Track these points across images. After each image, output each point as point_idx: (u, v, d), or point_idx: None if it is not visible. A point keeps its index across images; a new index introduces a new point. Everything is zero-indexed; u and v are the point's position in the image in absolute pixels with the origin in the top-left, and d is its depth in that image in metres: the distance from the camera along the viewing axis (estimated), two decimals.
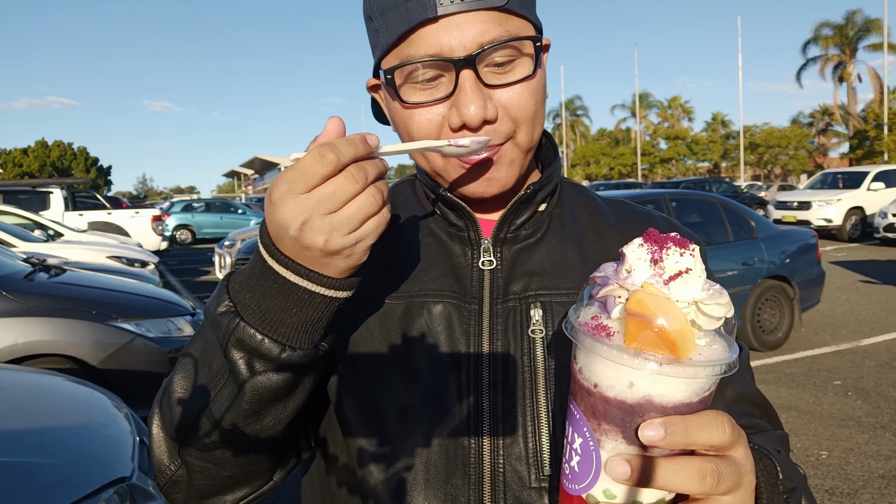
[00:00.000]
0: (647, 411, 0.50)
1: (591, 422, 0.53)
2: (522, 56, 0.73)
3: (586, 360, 0.53)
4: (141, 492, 2.04)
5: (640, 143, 55.79)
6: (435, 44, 0.70)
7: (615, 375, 0.50)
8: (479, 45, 0.70)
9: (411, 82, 0.72)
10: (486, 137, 0.71)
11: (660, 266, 0.51)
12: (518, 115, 0.74)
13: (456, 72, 0.70)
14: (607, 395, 0.51)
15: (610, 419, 0.51)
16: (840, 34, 42.91)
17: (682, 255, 0.52)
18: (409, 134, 0.75)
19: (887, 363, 6.01)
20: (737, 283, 6.28)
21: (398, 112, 0.76)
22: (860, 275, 10.98)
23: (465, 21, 0.69)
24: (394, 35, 0.71)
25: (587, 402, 0.53)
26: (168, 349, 4.54)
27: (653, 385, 0.50)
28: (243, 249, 8.38)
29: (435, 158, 0.76)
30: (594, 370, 0.52)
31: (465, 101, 0.70)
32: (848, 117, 46.13)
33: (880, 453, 4.14)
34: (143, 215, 15.18)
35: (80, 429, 2.39)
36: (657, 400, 0.50)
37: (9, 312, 4.25)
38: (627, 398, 0.50)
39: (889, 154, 31.58)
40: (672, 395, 0.50)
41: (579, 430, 0.54)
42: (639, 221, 0.89)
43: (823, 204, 16.44)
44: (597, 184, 25.47)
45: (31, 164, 64.37)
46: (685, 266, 0.51)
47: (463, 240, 0.82)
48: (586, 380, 0.53)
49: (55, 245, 9.07)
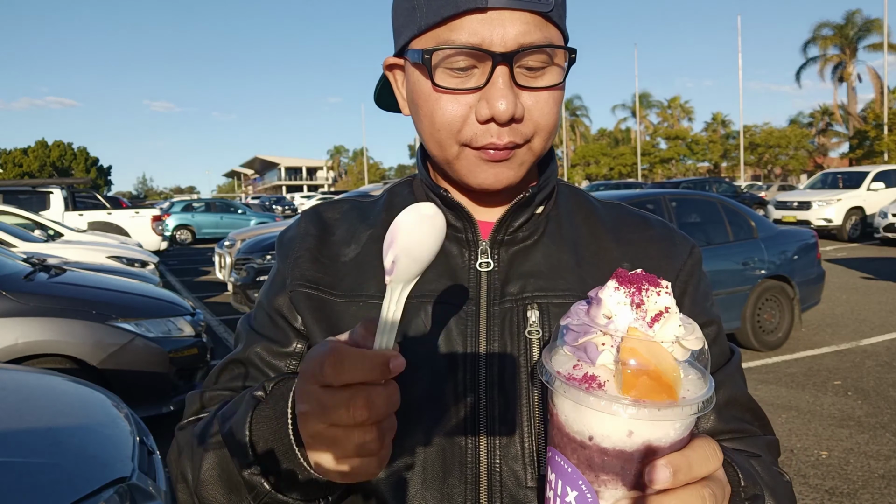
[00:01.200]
0: (646, 455, 0.50)
1: (587, 474, 0.52)
2: (554, 65, 0.74)
3: (576, 413, 0.52)
4: (141, 492, 2.04)
5: (640, 143, 55.79)
6: (477, 33, 0.70)
7: (612, 426, 0.50)
8: (519, 45, 0.70)
9: (445, 67, 0.72)
10: None
11: (642, 309, 0.51)
12: (540, 121, 0.74)
13: (493, 65, 0.70)
14: (604, 447, 0.51)
15: (609, 469, 0.51)
16: (840, 34, 42.92)
17: (660, 295, 0.52)
18: (431, 117, 0.75)
19: (887, 363, 6.01)
20: (737, 283, 6.28)
21: (424, 94, 0.75)
22: (860, 275, 10.98)
23: (510, 18, 0.70)
24: (436, 17, 0.71)
25: (581, 455, 0.52)
26: (168, 349, 4.54)
27: (652, 430, 0.50)
28: (243, 249, 8.36)
29: (450, 147, 0.76)
30: (588, 423, 0.51)
31: (498, 94, 0.70)
32: (848, 117, 46.13)
33: (880, 453, 4.14)
34: (143, 215, 15.18)
35: (80, 429, 2.39)
36: (656, 443, 0.50)
37: (9, 312, 4.25)
38: (627, 447, 0.50)
39: (889, 154, 31.57)
40: (669, 435, 0.50)
41: (573, 484, 0.53)
42: (633, 223, 0.89)
43: (823, 204, 16.44)
44: (597, 184, 25.47)
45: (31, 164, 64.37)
46: (664, 305, 0.51)
47: (461, 241, 0.83)
48: (578, 433, 0.52)
49: (55, 245, 9.06)
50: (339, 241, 0.87)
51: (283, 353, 0.84)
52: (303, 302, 0.83)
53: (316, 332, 0.82)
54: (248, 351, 0.85)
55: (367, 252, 0.85)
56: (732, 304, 6.26)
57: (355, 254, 0.85)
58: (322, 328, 0.81)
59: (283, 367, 0.84)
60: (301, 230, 0.89)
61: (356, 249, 0.86)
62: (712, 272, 6.20)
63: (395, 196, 0.92)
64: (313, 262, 0.85)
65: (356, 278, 0.83)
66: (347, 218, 0.90)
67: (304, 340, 0.84)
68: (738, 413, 0.82)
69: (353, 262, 0.84)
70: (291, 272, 0.85)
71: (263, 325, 0.87)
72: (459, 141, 0.75)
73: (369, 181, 69.45)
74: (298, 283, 0.84)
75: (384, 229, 0.86)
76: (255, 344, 0.85)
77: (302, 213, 0.94)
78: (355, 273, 0.83)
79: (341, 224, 0.89)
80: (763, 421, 0.85)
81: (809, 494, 3.66)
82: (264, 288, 0.90)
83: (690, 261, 0.86)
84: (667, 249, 0.85)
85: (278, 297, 0.86)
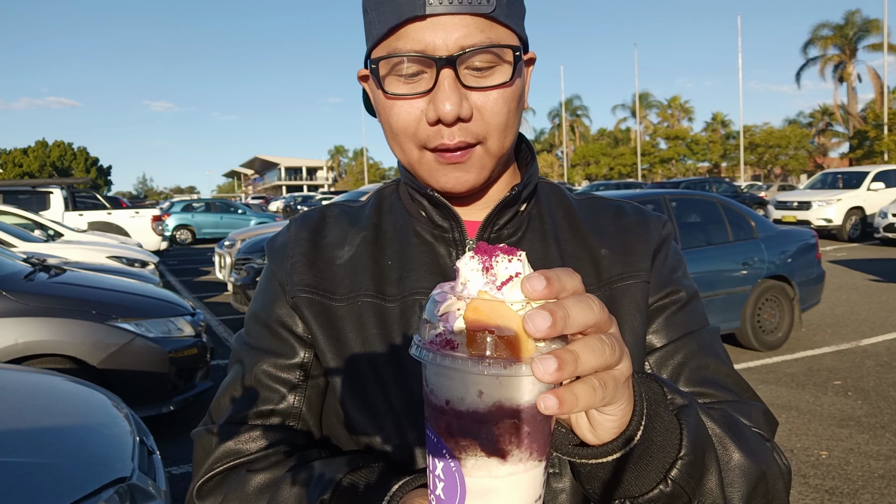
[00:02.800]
0: (499, 418, 0.50)
1: (448, 441, 0.52)
2: (502, 63, 0.75)
3: (435, 378, 0.53)
4: (141, 492, 2.04)
5: (640, 143, 55.80)
6: (420, 40, 0.73)
7: (464, 387, 0.51)
8: (461, 48, 0.72)
9: (395, 74, 0.75)
10: None
11: (491, 273, 0.52)
12: (490, 120, 0.76)
13: (437, 70, 0.73)
14: (460, 410, 0.51)
15: (466, 433, 0.51)
16: (840, 34, 42.92)
17: (511, 261, 0.53)
18: (388, 123, 0.78)
19: (887, 363, 6.01)
20: (737, 283, 6.28)
21: (381, 102, 0.79)
22: (860, 275, 10.98)
23: (450, 23, 0.72)
24: (384, 27, 0.74)
25: (442, 423, 0.53)
26: (168, 349, 4.54)
27: (501, 390, 0.50)
28: (243, 249, 8.36)
29: (411, 151, 0.79)
30: (444, 386, 0.52)
31: (443, 97, 0.73)
32: (848, 117, 46.14)
33: (880, 453, 4.14)
34: (143, 215, 15.18)
35: (80, 429, 2.39)
36: (507, 404, 0.50)
37: (9, 312, 4.25)
38: (479, 408, 0.50)
39: (889, 154, 31.58)
40: (521, 396, 0.50)
41: (439, 455, 0.54)
42: (609, 214, 0.91)
43: (823, 204, 16.44)
44: (597, 184, 25.46)
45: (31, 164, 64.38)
46: (514, 271, 0.52)
47: (448, 241, 0.84)
48: (437, 398, 0.53)
49: (55, 245, 9.06)
50: (332, 243, 0.87)
51: (290, 366, 0.83)
52: (305, 307, 0.82)
53: (320, 338, 0.81)
54: (253, 371, 0.83)
55: (361, 253, 0.85)
56: (732, 304, 6.26)
57: (349, 255, 0.86)
58: (326, 334, 0.81)
59: (291, 379, 0.83)
60: (292, 235, 0.89)
61: (350, 251, 0.86)
62: (712, 272, 6.20)
63: (383, 199, 0.93)
64: (310, 266, 0.85)
65: (353, 280, 0.83)
66: (338, 221, 0.90)
67: (310, 348, 0.84)
68: (710, 375, 0.81)
69: (348, 263, 0.85)
70: (290, 278, 0.85)
71: (262, 339, 0.85)
72: (417, 144, 0.77)
73: (369, 181, 69.43)
74: (299, 289, 0.83)
75: (376, 231, 0.88)
76: (259, 362, 0.84)
77: (291, 219, 0.94)
78: (351, 275, 0.84)
79: (332, 227, 0.89)
80: (742, 386, 0.83)
81: (809, 494, 3.66)
82: (256, 300, 0.89)
83: (660, 236, 0.89)
84: (643, 234, 0.88)
85: (276, 306, 0.85)
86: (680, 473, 0.59)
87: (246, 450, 0.79)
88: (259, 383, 0.83)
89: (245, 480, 0.76)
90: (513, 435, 0.51)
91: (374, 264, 0.84)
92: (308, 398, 0.83)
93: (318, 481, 0.70)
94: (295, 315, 0.84)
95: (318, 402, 0.84)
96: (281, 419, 0.82)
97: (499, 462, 0.51)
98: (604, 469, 0.58)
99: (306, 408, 0.83)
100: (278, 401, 0.82)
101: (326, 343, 0.81)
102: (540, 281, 0.46)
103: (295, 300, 0.83)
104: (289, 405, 0.82)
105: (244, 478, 0.76)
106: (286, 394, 0.82)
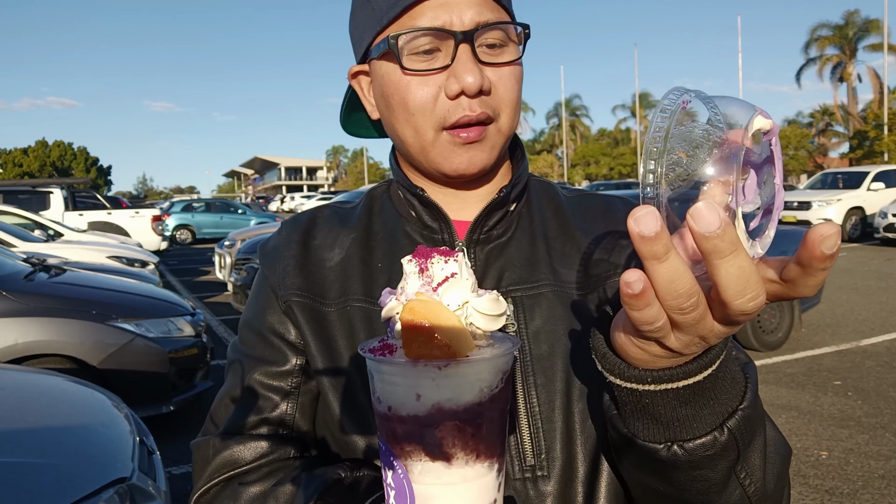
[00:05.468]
0: (440, 421, 0.50)
1: (394, 448, 0.52)
2: (511, 43, 0.79)
3: (379, 384, 0.52)
4: (141, 492, 2.04)
5: (640, 143, 55.79)
6: (437, 17, 0.75)
7: (403, 391, 0.50)
8: (476, 24, 0.75)
9: (410, 53, 0.76)
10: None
11: (427, 275, 0.52)
12: (504, 96, 0.78)
13: (455, 44, 0.75)
14: (402, 415, 0.50)
15: (409, 439, 0.51)
16: (839, 34, 42.92)
17: (447, 262, 0.53)
18: (405, 103, 0.78)
19: (887, 363, 6.01)
20: None
21: (394, 83, 0.78)
22: (860, 275, 10.98)
23: (464, 2, 0.75)
24: (397, 8, 0.76)
25: (388, 429, 0.52)
26: (168, 349, 4.54)
27: (437, 391, 0.49)
28: (243, 249, 8.36)
29: (426, 133, 0.79)
30: (386, 392, 0.51)
31: (464, 69, 0.74)
32: (848, 117, 46.15)
33: (880, 453, 4.14)
34: (143, 215, 15.18)
35: (80, 429, 2.39)
36: (447, 406, 0.49)
37: (9, 312, 4.25)
38: (419, 412, 0.50)
39: (889, 154, 31.57)
40: (459, 397, 0.49)
41: (388, 463, 0.53)
42: (598, 211, 0.90)
43: (823, 204, 16.43)
44: (597, 184, 25.48)
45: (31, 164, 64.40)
46: (450, 271, 0.52)
47: (437, 242, 0.84)
48: (382, 405, 0.52)
49: (55, 245, 9.06)
50: (322, 245, 0.87)
51: (283, 373, 0.84)
52: (298, 312, 0.83)
53: (311, 343, 0.82)
54: (246, 380, 0.84)
55: (351, 256, 0.85)
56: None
57: (340, 258, 0.86)
58: (317, 339, 0.82)
59: (284, 387, 0.83)
60: (283, 238, 0.89)
61: (340, 254, 0.86)
62: None
63: (374, 200, 0.93)
64: (301, 269, 0.85)
65: (343, 284, 0.83)
66: (328, 223, 0.90)
67: (302, 355, 0.84)
68: None
69: (338, 266, 0.85)
70: (282, 282, 0.85)
71: (255, 347, 0.86)
72: (434, 124, 0.77)
73: (369, 181, 69.40)
74: (291, 293, 0.84)
75: (366, 233, 0.87)
76: (252, 370, 0.84)
77: (282, 222, 0.94)
78: (342, 278, 0.84)
79: (321, 229, 0.89)
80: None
81: (809, 494, 3.66)
82: (249, 307, 0.89)
83: None
84: None
85: (268, 313, 0.85)
86: (738, 424, 0.58)
87: (241, 460, 0.80)
88: (252, 392, 0.84)
89: (238, 493, 0.78)
90: (455, 438, 0.50)
91: (365, 267, 0.84)
92: (301, 405, 0.84)
93: (303, 492, 0.72)
94: (287, 321, 0.84)
95: (312, 407, 0.85)
96: (275, 427, 0.83)
97: (444, 466, 0.50)
98: (662, 401, 0.56)
99: (299, 414, 0.84)
100: (271, 409, 0.83)
101: (317, 348, 0.81)
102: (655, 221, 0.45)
103: (288, 304, 0.83)
104: (282, 413, 0.83)
105: (236, 491, 0.78)
106: (279, 402, 0.83)
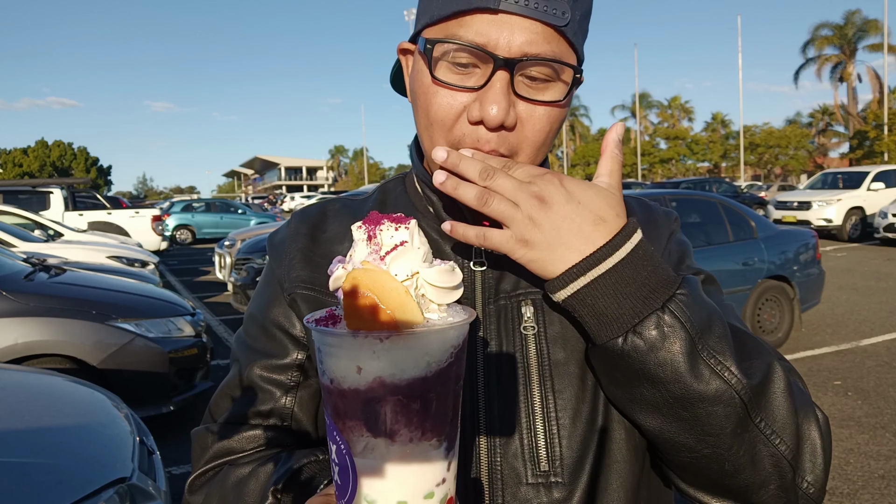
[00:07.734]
0: (382, 395, 0.47)
1: (337, 423, 0.49)
2: (558, 81, 0.73)
3: (323, 357, 0.49)
4: (141, 492, 2.04)
5: (640, 143, 55.77)
6: (484, 34, 0.69)
7: (344, 364, 0.47)
8: (524, 54, 0.69)
9: (447, 60, 0.72)
10: None
11: (374, 242, 0.50)
12: (530, 136, 0.73)
13: (493, 68, 0.70)
14: (343, 388, 0.48)
15: (351, 414, 0.48)
16: (839, 34, 42.91)
17: (398, 230, 0.50)
18: (427, 110, 0.74)
19: (887, 363, 6.01)
20: (737, 283, 6.27)
21: (423, 86, 0.75)
22: (860, 275, 10.97)
23: (519, 24, 0.69)
24: (448, 9, 0.71)
25: (331, 403, 0.49)
26: (168, 349, 4.54)
27: (379, 365, 0.46)
28: (243, 249, 8.35)
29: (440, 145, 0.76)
30: (328, 364, 0.49)
31: (492, 99, 0.69)
32: (848, 117, 46.13)
33: (880, 453, 4.14)
34: (143, 215, 15.17)
35: (80, 429, 2.39)
36: (389, 380, 0.46)
37: (9, 312, 4.24)
38: (360, 385, 0.47)
39: (889, 154, 31.57)
40: (403, 371, 0.47)
41: (332, 438, 0.50)
42: None
43: (823, 204, 16.43)
44: None
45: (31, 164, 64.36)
46: (400, 239, 0.49)
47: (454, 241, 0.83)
48: (325, 378, 0.49)
49: (55, 245, 9.05)
50: (332, 238, 0.87)
51: (282, 366, 0.83)
52: (302, 304, 0.82)
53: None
54: (247, 372, 0.84)
55: None
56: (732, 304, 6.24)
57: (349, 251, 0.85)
58: None
59: (285, 380, 0.83)
60: (291, 230, 0.88)
61: (350, 247, 0.85)
62: (712, 272, 6.17)
63: (387, 194, 0.91)
64: (307, 261, 0.85)
65: None
66: (339, 216, 0.89)
67: (304, 349, 0.84)
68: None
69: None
70: (288, 274, 0.84)
71: (258, 339, 0.86)
72: (449, 142, 0.74)
73: (369, 181, 69.40)
74: (296, 285, 0.83)
75: None
76: (253, 363, 0.84)
77: (292, 213, 0.93)
78: None
79: (332, 222, 0.89)
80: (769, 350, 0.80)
81: None
82: (256, 297, 0.89)
83: (668, 231, 0.89)
84: (650, 232, 0.84)
85: (273, 306, 0.85)
86: (678, 307, 0.66)
87: (239, 448, 0.81)
88: (254, 384, 0.84)
89: (227, 474, 0.78)
90: (399, 414, 0.47)
91: None
92: (300, 398, 0.84)
93: (278, 470, 0.73)
94: (292, 314, 0.84)
95: (312, 402, 0.85)
96: (274, 420, 0.83)
97: (387, 443, 0.48)
98: (595, 294, 0.65)
99: (298, 408, 0.83)
100: (271, 402, 0.83)
101: None
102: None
103: (292, 296, 0.83)
104: (281, 406, 0.83)
105: (227, 472, 0.79)
106: (279, 395, 0.83)
